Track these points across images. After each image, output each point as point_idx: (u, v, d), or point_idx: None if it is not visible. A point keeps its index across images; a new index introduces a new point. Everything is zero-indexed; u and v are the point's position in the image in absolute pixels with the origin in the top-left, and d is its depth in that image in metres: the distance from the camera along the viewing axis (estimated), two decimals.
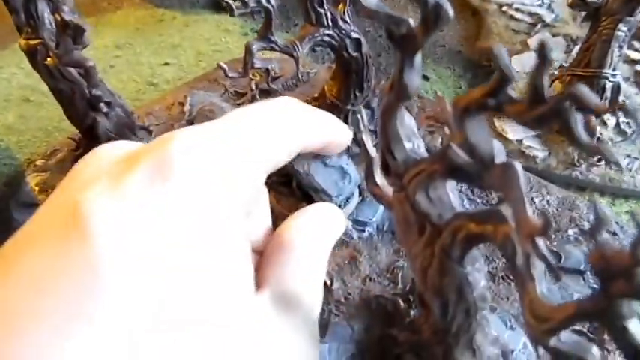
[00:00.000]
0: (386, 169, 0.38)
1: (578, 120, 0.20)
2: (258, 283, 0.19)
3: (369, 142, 0.43)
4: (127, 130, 0.65)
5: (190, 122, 0.84)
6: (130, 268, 0.15)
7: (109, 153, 0.18)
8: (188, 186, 0.16)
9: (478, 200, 0.71)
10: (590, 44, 0.68)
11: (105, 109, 0.57)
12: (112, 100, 0.61)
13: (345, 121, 0.75)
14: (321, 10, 0.60)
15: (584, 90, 0.19)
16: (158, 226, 0.15)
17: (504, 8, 1.10)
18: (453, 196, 0.35)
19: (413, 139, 0.36)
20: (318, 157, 0.61)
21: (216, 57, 1.10)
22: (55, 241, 0.15)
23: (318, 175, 0.59)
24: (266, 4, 0.52)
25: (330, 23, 0.62)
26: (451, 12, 0.27)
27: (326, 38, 0.62)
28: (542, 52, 0.19)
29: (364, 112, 0.47)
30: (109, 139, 0.65)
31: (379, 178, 0.43)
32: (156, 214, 0.15)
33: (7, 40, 1.23)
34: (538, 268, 0.28)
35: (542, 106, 0.21)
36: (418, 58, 0.30)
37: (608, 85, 0.70)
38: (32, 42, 0.59)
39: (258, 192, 0.19)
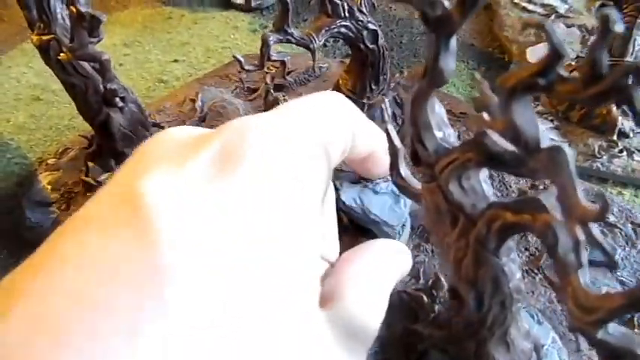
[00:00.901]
0: (415, 159, 0.37)
1: None
2: (323, 300, 0.18)
3: (393, 132, 0.42)
4: (141, 126, 0.64)
5: (202, 119, 0.84)
6: (191, 265, 0.13)
7: (178, 134, 0.17)
8: (257, 179, 0.15)
9: (498, 193, 0.70)
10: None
11: (120, 104, 0.57)
12: (125, 95, 0.60)
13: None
14: (338, 1, 0.59)
15: None
16: (222, 219, 0.14)
17: (516, 0, 1.08)
18: (486, 185, 0.34)
19: (443, 127, 0.35)
20: (365, 185, 0.59)
21: (225, 54, 1.09)
22: (112, 229, 0.14)
23: (373, 206, 0.56)
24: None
25: (347, 14, 0.61)
26: None
27: (342, 30, 0.61)
28: (605, 24, 0.18)
29: (387, 102, 0.46)
30: (122, 136, 0.65)
31: (404, 169, 0.42)
32: (221, 205, 0.14)
33: (15, 40, 1.23)
34: (583, 257, 0.27)
35: (600, 83, 0.19)
36: (454, 41, 0.29)
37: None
38: (45, 37, 0.58)
39: (327, 188, 0.19)
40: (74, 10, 0.46)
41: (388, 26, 1.12)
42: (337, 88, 0.74)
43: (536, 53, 0.93)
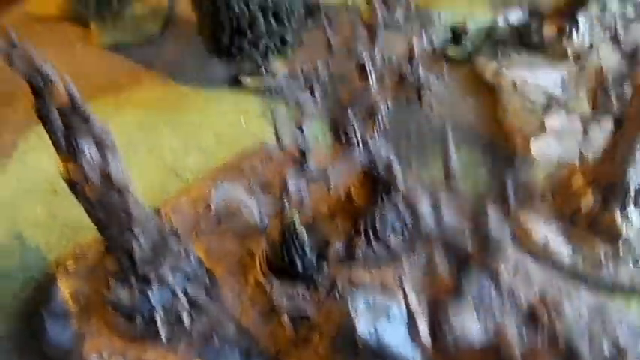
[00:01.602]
0: (435, 339, 0.39)
1: None
2: None
3: (412, 297, 0.44)
4: (161, 247, 0.66)
5: (218, 221, 0.86)
6: None
7: None
8: None
9: (507, 304, 0.71)
10: (614, 148, 0.69)
11: (141, 240, 0.59)
12: (146, 223, 0.63)
13: (373, 223, 0.76)
14: (351, 133, 0.62)
15: None
16: None
17: (519, 83, 1.11)
18: None
19: (464, 314, 0.37)
20: (379, 311, 0.60)
21: (236, 140, 1.12)
22: None
23: (388, 335, 0.58)
24: (302, 148, 0.53)
25: (360, 143, 0.64)
26: (509, 247, 0.28)
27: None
28: None
29: (405, 280, 0.48)
30: (143, 260, 0.67)
31: (423, 330, 0.44)
32: None
33: (32, 120, 1.26)
34: None
35: None
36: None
37: (632, 187, 0.71)
38: (71, 167, 0.61)
39: None
40: (105, 174, 0.48)
41: (395, 108, 1.15)
42: (349, 197, 0.77)
43: (539, 146, 0.96)
